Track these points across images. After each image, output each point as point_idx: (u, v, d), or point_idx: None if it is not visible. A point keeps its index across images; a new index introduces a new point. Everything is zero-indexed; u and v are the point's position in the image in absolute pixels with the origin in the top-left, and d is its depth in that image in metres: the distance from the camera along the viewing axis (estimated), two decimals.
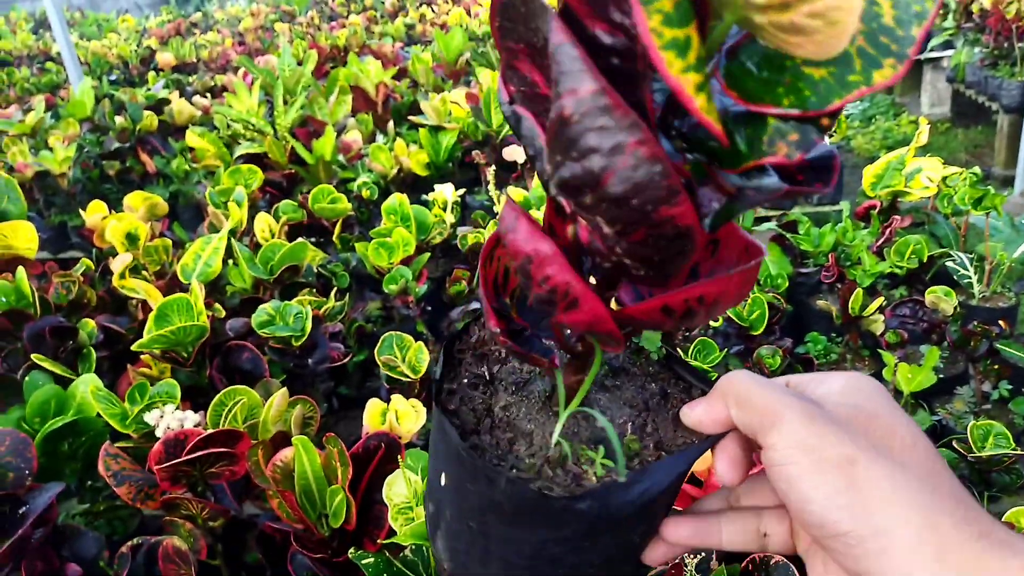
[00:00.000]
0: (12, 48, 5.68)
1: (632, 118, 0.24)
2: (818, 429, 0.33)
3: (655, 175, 0.25)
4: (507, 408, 0.40)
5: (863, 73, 0.26)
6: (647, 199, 0.26)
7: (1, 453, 0.96)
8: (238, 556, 1.08)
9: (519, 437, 0.38)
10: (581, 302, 0.30)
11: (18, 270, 1.38)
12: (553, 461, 0.36)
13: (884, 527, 0.31)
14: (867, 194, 1.65)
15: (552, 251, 0.29)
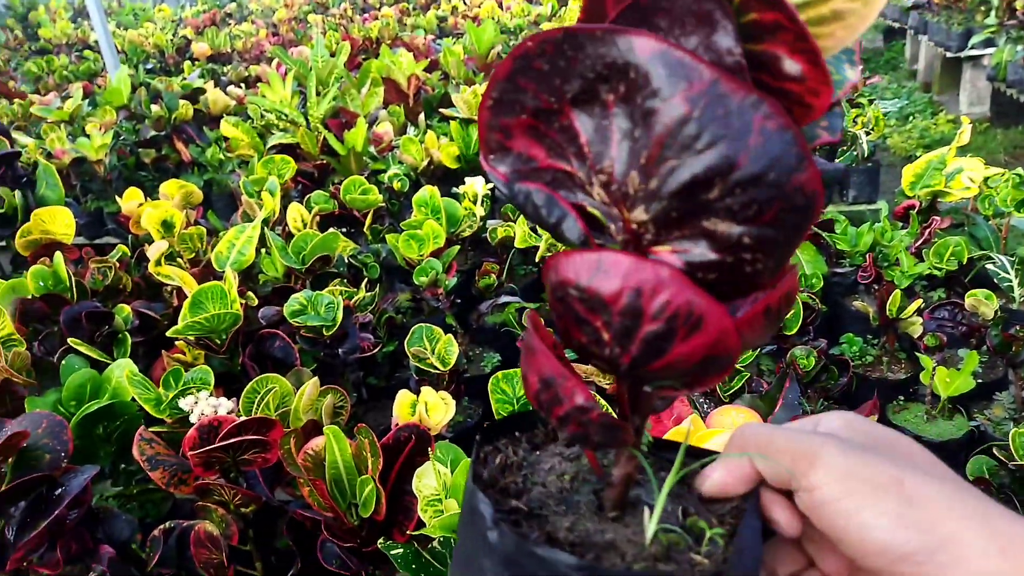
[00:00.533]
0: (51, 36, 5.77)
1: (755, 95, 0.25)
2: (858, 458, 0.32)
3: (788, 143, 0.25)
4: (572, 529, 0.35)
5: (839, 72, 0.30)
6: (782, 170, 0.26)
7: (38, 435, 0.97)
8: (269, 542, 1.09)
9: (602, 551, 0.34)
10: (707, 319, 0.27)
11: (56, 255, 1.40)
12: (660, 556, 0.34)
13: (951, 536, 0.31)
14: (906, 194, 1.62)
15: (669, 272, 0.27)
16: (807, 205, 0.26)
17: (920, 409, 1.38)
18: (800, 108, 0.28)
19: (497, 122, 0.30)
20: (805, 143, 0.25)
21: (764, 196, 0.26)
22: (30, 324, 1.34)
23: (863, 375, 1.45)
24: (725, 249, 0.28)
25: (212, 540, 0.90)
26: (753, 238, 0.27)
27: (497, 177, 0.31)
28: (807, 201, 0.26)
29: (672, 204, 0.27)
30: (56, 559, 0.95)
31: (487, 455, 0.39)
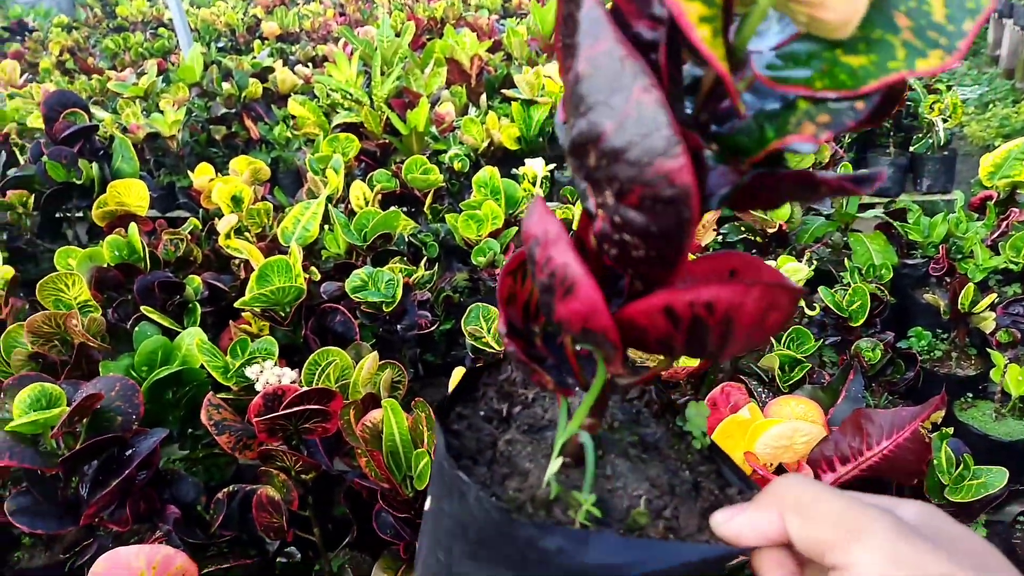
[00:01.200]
0: (128, 14, 5.95)
1: (641, 65, 0.23)
2: (912, 545, 0.28)
3: (654, 122, 0.23)
4: (512, 444, 0.37)
5: (906, 60, 0.25)
6: (644, 150, 0.24)
7: (111, 398, 1.01)
8: (326, 510, 1.11)
9: (515, 474, 0.35)
10: (577, 287, 0.27)
11: (130, 226, 1.45)
12: (538, 500, 0.33)
13: None
14: (983, 184, 1.56)
15: (557, 231, 0.27)
16: (675, 198, 0.24)
17: (989, 407, 1.33)
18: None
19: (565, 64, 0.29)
20: (678, 127, 0.23)
21: (625, 175, 0.25)
22: (105, 292, 1.40)
23: (931, 370, 1.41)
24: (612, 224, 0.27)
25: (274, 504, 0.93)
26: (623, 218, 0.26)
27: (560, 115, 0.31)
28: (675, 193, 0.24)
29: (573, 161, 0.27)
30: (125, 517, 0.99)
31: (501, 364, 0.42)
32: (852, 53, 0.26)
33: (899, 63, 0.25)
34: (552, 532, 0.31)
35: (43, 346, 1.15)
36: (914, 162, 2.31)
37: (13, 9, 6.35)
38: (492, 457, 0.36)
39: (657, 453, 0.39)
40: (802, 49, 0.27)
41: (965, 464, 1.03)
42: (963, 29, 0.25)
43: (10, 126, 2.64)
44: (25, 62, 4.57)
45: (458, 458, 0.36)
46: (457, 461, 0.35)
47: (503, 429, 0.38)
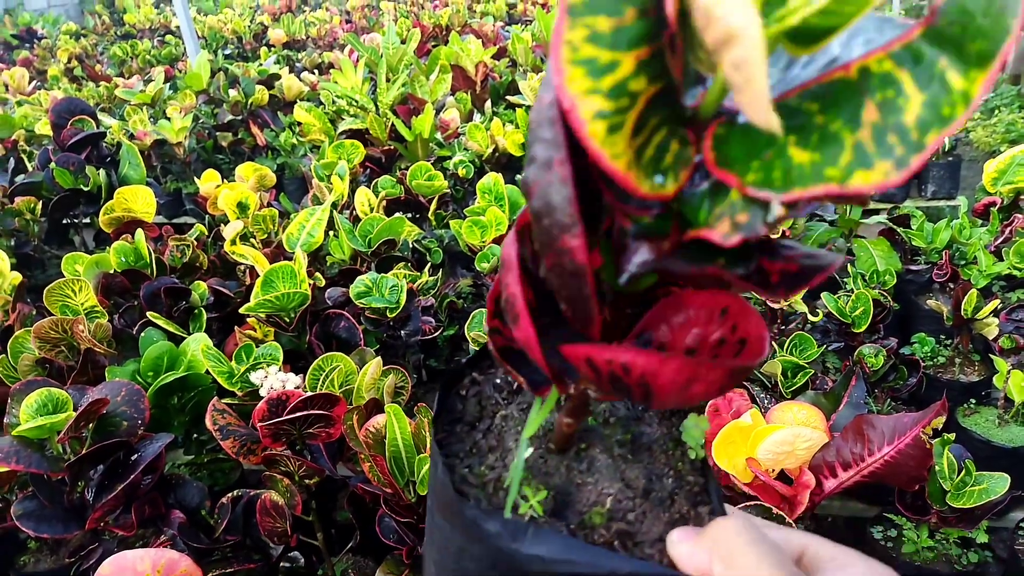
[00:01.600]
0: (136, 21, 5.99)
1: (563, 136, 0.24)
2: None
3: (562, 199, 0.24)
4: (507, 419, 0.39)
5: (845, 169, 0.23)
6: (554, 222, 0.25)
7: (117, 403, 1.02)
8: (329, 514, 1.12)
9: (499, 448, 0.37)
10: (520, 319, 0.28)
11: (137, 232, 1.46)
12: (502, 482, 0.36)
13: None
14: (987, 190, 1.56)
15: (515, 259, 0.28)
16: (575, 273, 0.26)
17: (992, 413, 1.33)
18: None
19: None
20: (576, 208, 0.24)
21: (543, 238, 0.26)
22: (111, 297, 1.41)
23: (934, 376, 1.40)
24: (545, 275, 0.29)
25: (277, 509, 0.93)
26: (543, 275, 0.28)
27: None
28: (575, 268, 0.25)
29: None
30: (131, 521, 1.00)
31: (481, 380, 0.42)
32: (803, 145, 0.24)
33: (836, 171, 0.23)
34: (492, 517, 0.33)
35: (50, 351, 1.16)
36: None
37: (23, 17, 6.40)
38: (488, 427, 0.39)
39: (647, 455, 0.39)
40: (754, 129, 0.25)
41: (967, 470, 1.03)
42: (925, 142, 0.22)
43: (18, 133, 2.66)
44: (34, 69, 4.61)
45: (455, 421, 0.38)
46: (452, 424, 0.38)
47: (507, 402, 0.40)
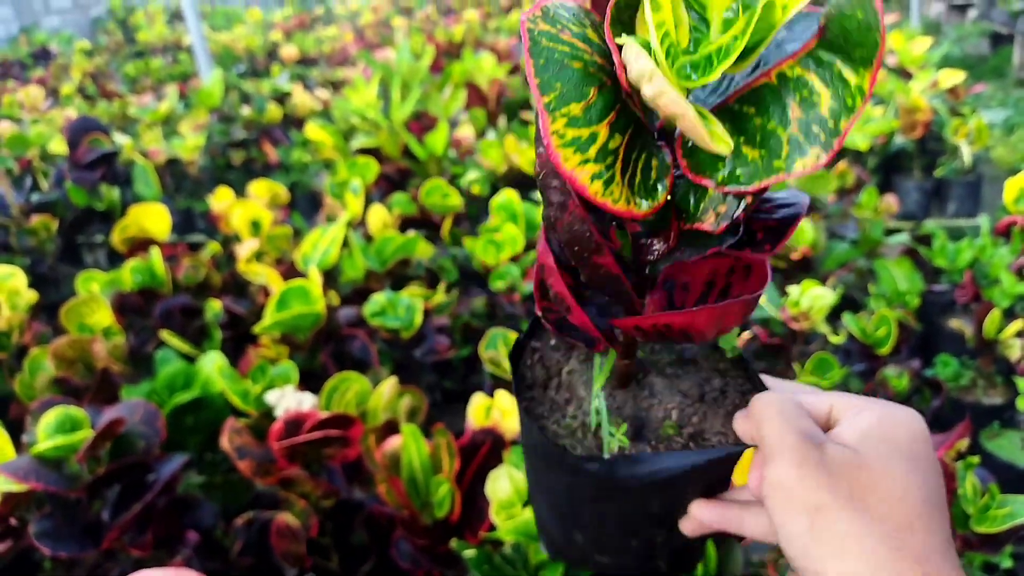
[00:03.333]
0: (148, 39, 6.05)
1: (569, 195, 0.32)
2: (801, 472, 0.35)
3: (582, 229, 0.32)
4: (572, 373, 0.46)
5: (787, 160, 0.29)
6: (584, 247, 0.33)
7: (134, 422, 1.02)
8: (344, 537, 1.10)
9: (573, 399, 0.45)
10: (572, 309, 0.37)
11: (152, 251, 1.46)
12: (587, 426, 0.43)
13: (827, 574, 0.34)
14: (1009, 209, 1.54)
15: (553, 265, 0.36)
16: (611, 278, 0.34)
17: (1016, 436, 1.30)
18: None
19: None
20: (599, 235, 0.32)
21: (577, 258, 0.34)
22: (126, 316, 1.41)
23: (957, 398, 1.38)
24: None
25: (292, 531, 0.92)
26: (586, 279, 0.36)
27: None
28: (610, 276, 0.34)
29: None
30: (146, 541, 0.99)
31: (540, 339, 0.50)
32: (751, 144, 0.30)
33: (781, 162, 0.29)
34: (590, 460, 0.41)
35: (67, 370, 1.15)
36: (940, 186, 2.29)
37: (38, 36, 6.47)
38: (558, 383, 0.46)
39: (693, 365, 0.46)
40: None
41: (991, 493, 1.01)
42: (841, 127, 0.28)
43: (33, 151, 2.68)
44: (48, 87, 4.65)
45: (530, 387, 0.46)
46: (529, 390, 0.45)
47: (568, 358, 0.47)
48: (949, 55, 5.00)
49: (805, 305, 1.19)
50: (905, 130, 2.10)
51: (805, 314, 1.19)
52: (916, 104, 2.05)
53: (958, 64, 4.87)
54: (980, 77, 4.97)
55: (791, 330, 1.21)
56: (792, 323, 1.19)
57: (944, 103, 2.26)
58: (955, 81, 2.21)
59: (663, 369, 0.46)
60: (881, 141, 2.04)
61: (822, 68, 0.29)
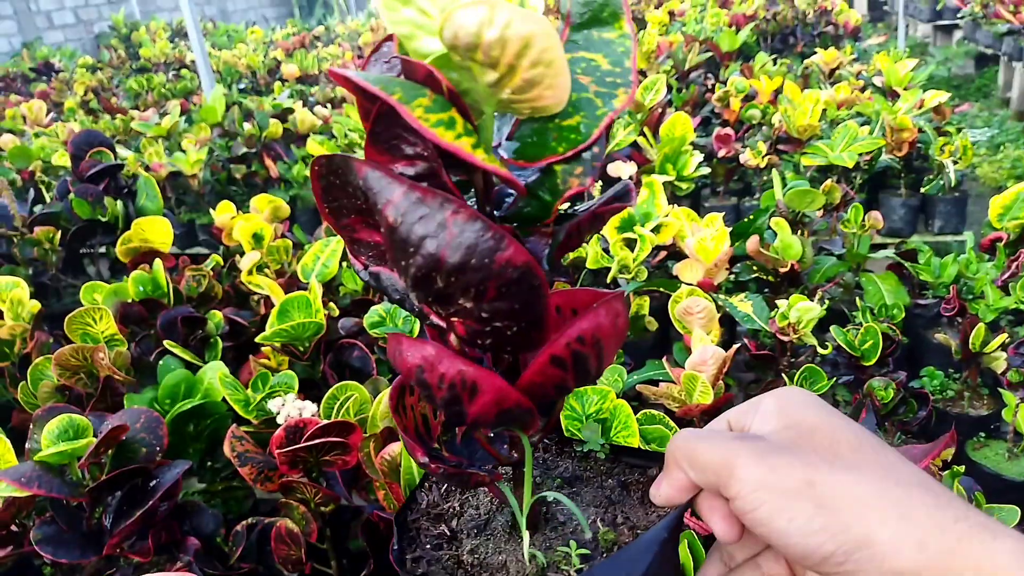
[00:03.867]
0: (151, 55, 6.10)
1: (441, 196, 0.28)
2: (770, 462, 0.33)
3: (479, 232, 0.28)
4: (475, 551, 0.41)
5: (605, 106, 0.32)
6: (482, 254, 0.29)
7: (136, 430, 1.04)
8: (342, 543, 1.13)
9: (495, 572, 0.40)
10: (480, 383, 0.32)
11: (155, 262, 1.49)
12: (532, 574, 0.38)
13: (864, 536, 0.31)
14: (993, 225, 1.57)
15: (437, 349, 0.32)
16: (523, 275, 0.29)
17: (1002, 447, 1.33)
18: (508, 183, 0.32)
19: (340, 222, 0.35)
20: (495, 226, 0.29)
21: (476, 279, 0.29)
22: (128, 325, 1.43)
23: (943, 409, 1.41)
24: (479, 321, 0.31)
25: (292, 536, 0.94)
26: (490, 312, 0.31)
27: (358, 265, 0.36)
28: (519, 272, 0.29)
29: (420, 294, 0.32)
30: (147, 547, 1.00)
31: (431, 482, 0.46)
32: (567, 117, 0.32)
33: (602, 109, 0.32)
34: None
35: (70, 378, 1.18)
36: (926, 203, 2.33)
37: (40, 51, 6.53)
38: (466, 572, 0.41)
39: (579, 480, 0.45)
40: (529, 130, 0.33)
41: (977, 503, 1.03)
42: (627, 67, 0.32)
43: (35, 163, 2.71)
44: (51, 101, 4.69)
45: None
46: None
47: (456, 545, 0.42)
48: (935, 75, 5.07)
49: (793, 318, 1.21)
50: (891, 149, 2.14)
51: (793, 326, 1.22)
52: (902, 123, 2.09)
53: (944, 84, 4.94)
54: (966, 97, 5.04)
55: (780, 341, 1.24)
56: (780, 335, 1.22)
57: (929, 122, 2.31)
58: (940, 101, 2.26)
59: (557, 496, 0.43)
60: (867, 159, 2.08)
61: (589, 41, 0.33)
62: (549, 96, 0.30)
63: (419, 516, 0.43)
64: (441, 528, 0.43)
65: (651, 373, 1.21)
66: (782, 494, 0.33)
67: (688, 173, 1.94)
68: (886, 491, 0.32)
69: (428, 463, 0.37)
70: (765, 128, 2.48)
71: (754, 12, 4.17)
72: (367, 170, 0.29)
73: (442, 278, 0.30)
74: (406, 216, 0.29)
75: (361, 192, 0.31)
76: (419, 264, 0.30)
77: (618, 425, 0.79)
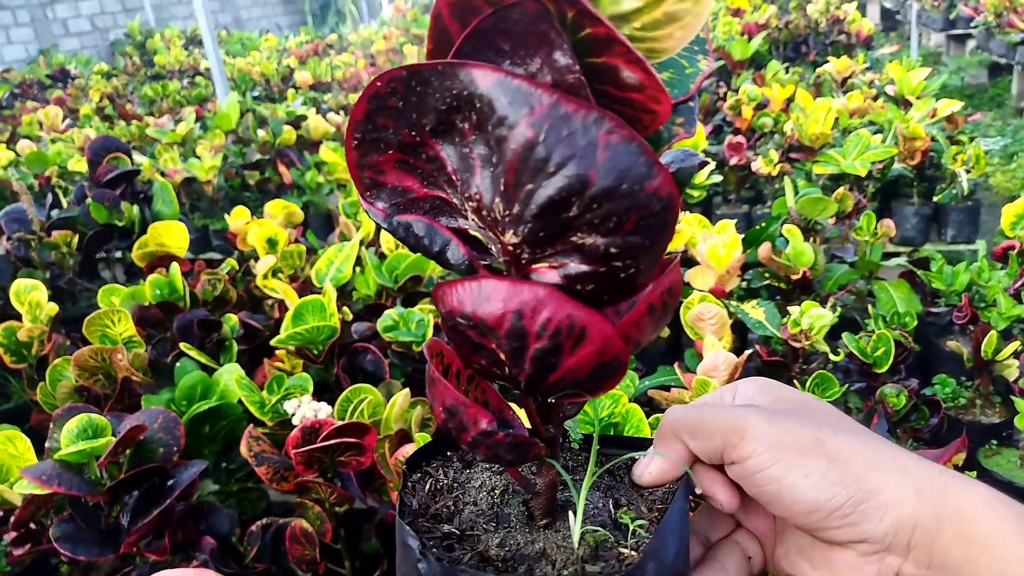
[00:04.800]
0: (166, 63, 6.16)
1: (596, 112, 0.25)
2: (782, 425, 0.35)
3: (633, 154, 0.26)
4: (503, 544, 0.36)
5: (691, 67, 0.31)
6: (633, 180, 0.26)
7: (154, 430, 1.05)
8: (356, 544, 1.13)
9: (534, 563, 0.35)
10: (589, 330, 0.29)
11: (172, 266, 1.51)
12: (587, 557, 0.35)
13: (875, 488, 0.34)
14: (1006, 234, 1.57)
15: (546, 290, 0.28)
16: (665, 207, 0.27)
17: (1014, 455, 1.33)
18: (647, 115, 0.29)
19: (366, 160, 0.30)
20: (651, 151, 0.26)
21: (621, 207, 0.27)
22: (145, 328, 1.45)
23: (955, 417, 1.41)
24: (596, 260, 0.29)
25: (307, 536, 0.95)
26: (619, 247, 0.28)
27: (376, 213, 0.32)
28: (663, 204, 0.27)
29: (536, 226, 0.28)
30: (163, 546, 1.02)
31: (415, 484, 0.41)
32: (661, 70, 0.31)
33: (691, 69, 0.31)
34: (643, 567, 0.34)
35: (88, 379, 1.19)
36: (938, 212, 2.32)
37: (56, 57, 6.60)
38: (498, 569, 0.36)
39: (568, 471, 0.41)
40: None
41: None
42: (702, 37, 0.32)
43: (51, 169, 2.74)
44: (67, 108, 4.74)
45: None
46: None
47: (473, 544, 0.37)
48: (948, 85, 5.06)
49: (805, 324, 1.22)
50: (903, 157, 2.14)
51: (805, 333, 1.22)
52: (914, 132, 2.09)
53: (957, 94, 4.93)
54: (979, 106, 5.03)
55: (792, 348, 1.24)
56: (793, 342, 1.22)
57: (942, 131, 2.31)
58: (953, 110, 2.26)
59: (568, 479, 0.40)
60: (879, 168, 2.08)
61: None
62: (679, 37, 0.28)
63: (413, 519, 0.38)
64: (446, 528, 0.38)
65: (663, 378, 1.22)
66: (796, 450, 0.34)
67: (700, 181, 1.94)
68: (880, 449, 0.35)
69: (496, 431, 0.32)
70: (777, 136, 2.49)
71: (766, 21, 4.18)
72: (497, 76, 0.26)
73: (581, 205, 0.27)
74: (549, 132, 0.25)
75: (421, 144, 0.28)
76: (558, 187, 0.26)
77: (630, 429, 0.80)
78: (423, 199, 0.31)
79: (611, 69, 0.28)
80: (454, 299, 0.29)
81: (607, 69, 0.28)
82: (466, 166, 0.29)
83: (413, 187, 0.31)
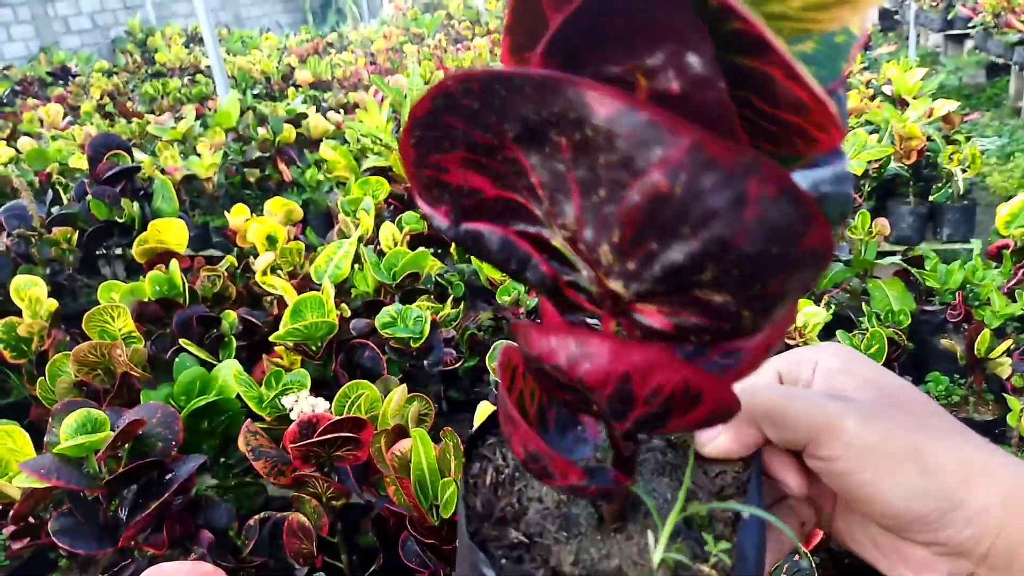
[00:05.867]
0: (167, 61, 6.16)
1: (747, 157, 0.20)
2: (877, 427, 0.33)
3: (787, 210, 0.20)
4: (577, 560, 0.33)
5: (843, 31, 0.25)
6: (785, 241, 0.21)
7: (152, 424, 1.06)
8: (352, 538, 1.14)
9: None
10: (705, 393, 0.24)
11: (172, 263, 1.52)
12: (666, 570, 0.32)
13: (963, 501, 0.33)
14: (1000, 233, 1.58)
15: (659, 354, 0.23)
16: (818, 264, 0.22)
17: (1007, 451, 1.34)
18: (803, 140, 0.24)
19: (426, 159, 0.25)
20: (810, 200, 0.20)
21: (767, 271, 0.22)
22: (145, 324, 1.46)
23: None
24: (722, 318, 0.24)
25: (304, 530, 0.96)
26: (755, 309, 0.23)
27: (439, 218, 0.27)
28: (817, 260, 0.22)
29: (655, 287, 0.24)
30: (162, 540, 1.03)
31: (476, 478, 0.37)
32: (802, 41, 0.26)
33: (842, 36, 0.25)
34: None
35: (87, 374, 1.20)
36: (934, 212, 2.34)
37: (57, 55, 6.61)
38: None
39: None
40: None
41: None
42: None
43: (52, 166, 2.75)
44: (67, 105, 4.75)
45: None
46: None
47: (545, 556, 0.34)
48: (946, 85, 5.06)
49: (799, 322, 1.23)
50: (900, 157, 2.15)
51: (799, 331, 1.23)
52: (911, 132, 2.10)
53: (955, 94, 4.94)
54: (977, 107, 5.04)
55: (786, 345, 1.25)
56: (787, 339, 1.23)
57: (938, 131, 2.32)
58: (949, 109, 2.27)
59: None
60: (876, 167, 2.09)
61: None
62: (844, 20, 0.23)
63: (478, 526, 0.34)
64: (513, 536, 0.33)
65: None
66: (891, 458, 0.33)
67: None
68: (976, 456, 0.34)
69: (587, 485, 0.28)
70: None
71: None
72: (620, 106, 0.19)
73: (716, 269, 0.22)
74: (687, 185, 0.20)
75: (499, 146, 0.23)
76: (690, 252, 0.21)
77: None
78: (494, 200, 0.26)
79: (762, 78, 0.22)
80: (543, 347, 0.25)
81: (757, 76, 0.22)
82: (558, 184, 0.23)
83: (483, 187, 0.26)
